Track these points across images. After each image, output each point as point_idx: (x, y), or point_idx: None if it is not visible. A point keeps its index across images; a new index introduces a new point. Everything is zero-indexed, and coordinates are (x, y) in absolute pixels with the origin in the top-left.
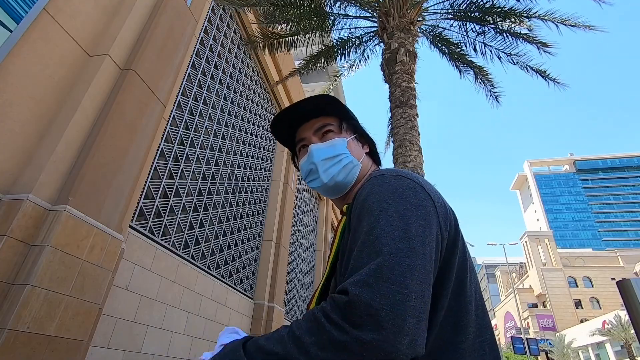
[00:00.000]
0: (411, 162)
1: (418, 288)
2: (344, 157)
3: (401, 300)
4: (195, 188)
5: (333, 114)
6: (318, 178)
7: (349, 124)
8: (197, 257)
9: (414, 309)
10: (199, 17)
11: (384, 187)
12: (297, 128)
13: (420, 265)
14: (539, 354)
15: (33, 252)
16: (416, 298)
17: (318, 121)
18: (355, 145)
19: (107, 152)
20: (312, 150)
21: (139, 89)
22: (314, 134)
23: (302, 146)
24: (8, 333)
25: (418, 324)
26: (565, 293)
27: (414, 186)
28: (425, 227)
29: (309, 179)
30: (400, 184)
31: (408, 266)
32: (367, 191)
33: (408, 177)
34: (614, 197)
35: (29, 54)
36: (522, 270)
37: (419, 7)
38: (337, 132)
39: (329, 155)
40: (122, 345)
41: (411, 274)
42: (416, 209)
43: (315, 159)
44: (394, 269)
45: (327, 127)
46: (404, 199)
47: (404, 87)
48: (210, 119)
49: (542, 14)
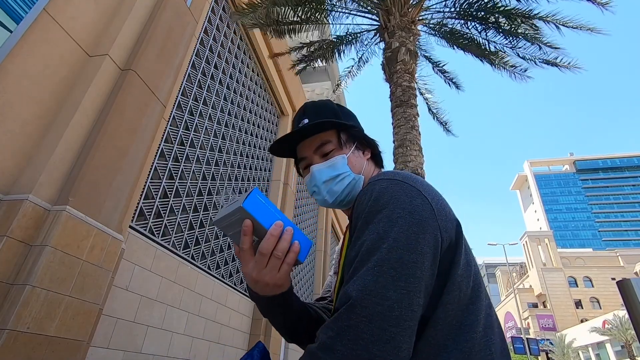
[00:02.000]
0: (412, 162)
1: (403, 297)
2: (346, 176)
3: (380, 312)
4: (196, 188)
5: (331, 128)
6: (323, 198)
7: (348, 134)
8: (197, 258)
9: (396, 319)
10: (199, 17)
11: (379, 193)
12: (296, 144)
13: (407, 275)
14: (539, 354)
15: (33, 252)
16: (400, 307)
17: (316, 139)
18: (355, 157)
19: (107, 153)
20: (314, 172)
21: (139, 89)
22: (314, 152)
23: (305, 165)
24: (8, 333)
25: (402, 332)
26: (566, 293)
27: (410, 191)
28: (418, 233)
29: (314, 196)
30: (396, 190)
31: (392, 277)
32: (365, 199)
33: (405, 181)
34: (614, 197)
35: (29, 54)
36: (522, 270)
37: (420, 5)
38: (337, 148)
39: (331, 176)
40: (122, 345)
41: (395, 284)
42: (410, 215)
43: (317, 181)
44: (378, 282)
45: (326, 145)
46: (397, 206)
47: (405, 87)
48: (210, 119)
49: (544, 15)
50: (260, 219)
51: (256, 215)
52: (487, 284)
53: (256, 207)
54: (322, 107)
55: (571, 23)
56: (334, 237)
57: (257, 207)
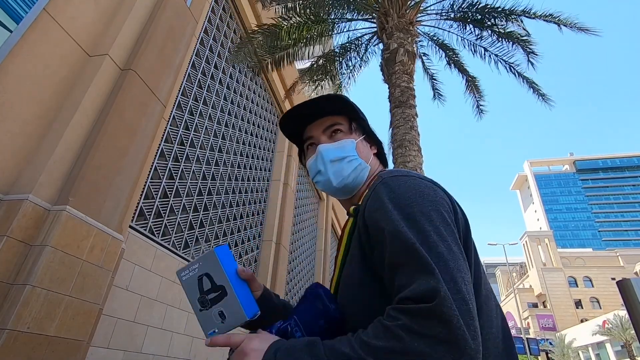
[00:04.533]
0: (411, 162)
1: (468, 288)
2: (353, 159)
3: (459, 307)
4: (195, 188)
5: (343, 113)
6: (327, 179)
7: (359, 124)
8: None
9: (472, 311)
10: (199, 17)
11: (402, 189)
12: (306, 125)
13: (462, 265)
14: (539, 353)
15: (33, 252)
16: (470, 300)
17: (328, 120)
18: (363, 146)
19: (107, 153)
20: (321, 150)
21: (139, 89)
22: (323, 132)
23: (310, 144)
24: (8, 333)
25: (477, 324)
26: (566, 293)
27: (429, 184)
28: (450, 224)
29: (316, 179)
30: (417, 184)
31: (456, 269)
32: (384, 195)
33: (419, 176)
34: (614, 197)
35: (29, 54)
36: (522, 270)
37: (418, 7)
38: (347, 133)
39: (338, 157)
40: (122, 345)
41: (461, 277)
42: (441, 206)
43: (324, 159)
44: (446, 276)
45: (337, 126)
46: (426, 199)
47: (404, 87)
48: (210, 119)
49: (542, 14)
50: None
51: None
52: None
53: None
54: (339, 96)
55: (569, 22)
56: (334, 237)
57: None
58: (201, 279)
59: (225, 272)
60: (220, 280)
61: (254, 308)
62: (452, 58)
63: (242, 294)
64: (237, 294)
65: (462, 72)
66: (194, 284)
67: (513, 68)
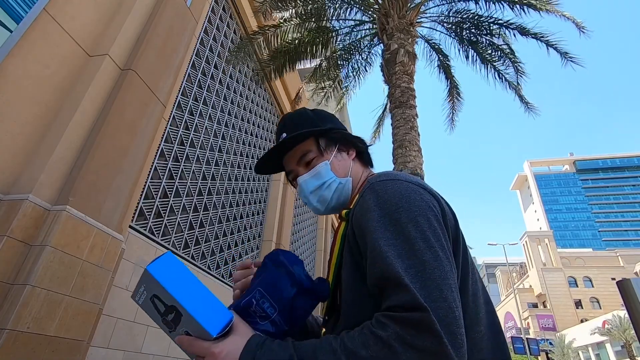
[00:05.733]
0: (411, 163)
1: (454, 295)
2: (332, 182)
3: (446, 316)
4: (195, 188)
5: (308, 136)
6: (315, 208)
7: (327, 138)
8: (197, 258)
9: (458, 319)
10: (199, 17)
11: (389, 194)
12: (281, 159)
13: (448, 271)
14: (539, 354)
15: (33, 252)
16: (457, 307)
17: (297, 151)
18: (338, 161)
19: (107, 152)
20: (300, 184)
21: (139, 89)
22: (298, 164)
23: (293, 177)
24: (8, 333)
25: (463, 331)
26: (566, 293)
27: (416, 188)
28: (437, 228)
29: (308, 207)
30: (404, 188)
31: (442, 277)
32: (371, 201)
33: (407, 180)
34: (614, 197)
35: (29, 54)
36: (522, 270)
37: (418, 8)
38: (318, 155)
39: (316, 185)
40: (122, 345)
41: (447, 284)
42: (429, 210)
43: (305, 192)
44: (432, 284)
45: (307, 155)
46: (413, 204)
47: (404, 88)
48: (210, 119)
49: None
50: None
51: (164, 283)
52: (487, 284)
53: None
54: (298, 118)
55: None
56: (332, 243)
57: (167, 273)
58: (153, 301)
59: (169, 292)
60: (169, 300)
61: (222, 319)
62: (443, 63)
63: (198, 311)
64: (191, 313)
65: (448, 78)
66: (150, 307)
67: (501, 75)
